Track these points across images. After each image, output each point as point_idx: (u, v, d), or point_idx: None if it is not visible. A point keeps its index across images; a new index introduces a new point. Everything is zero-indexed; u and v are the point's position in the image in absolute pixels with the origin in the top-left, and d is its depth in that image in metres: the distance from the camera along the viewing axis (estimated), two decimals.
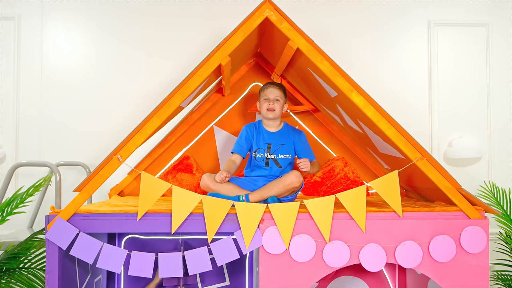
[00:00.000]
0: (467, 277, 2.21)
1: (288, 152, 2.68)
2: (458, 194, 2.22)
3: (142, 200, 2.15)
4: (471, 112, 3.47)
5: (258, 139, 2.69)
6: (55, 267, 2.17)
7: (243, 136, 2.70)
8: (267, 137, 2.69)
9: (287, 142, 2.69)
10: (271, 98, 2.67)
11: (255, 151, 2.67)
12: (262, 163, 2.66)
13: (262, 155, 2.66)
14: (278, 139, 2.69)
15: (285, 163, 2.67)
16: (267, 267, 2.19)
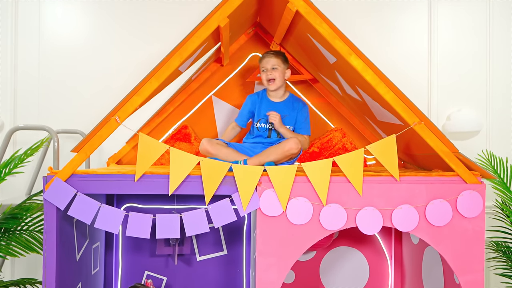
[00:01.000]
0: (462, 241, 2.22)
1: (291, 123, 2.68)
2: (455, 159, 2.22)
3: (139, 162, 2.15)
4: (470, 85, 3.47)
5: (261, 109, 2.68)
6: (53, 228, 2.18)
7: (246, 108, 2.72)
8: (271, 107, 2.68)
9: (290, 113, 2.68)
10: (268, 68, 2.66)
11: (257, 121, 2.67)
12: (265, 133, 2.66)
13: (264, 125, 2.66)
14: (282, 109, 2.67)
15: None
16: (264, 229, 2.20)
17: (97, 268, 2.89)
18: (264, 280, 2.21)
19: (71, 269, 2.43)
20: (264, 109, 2.66)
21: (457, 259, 2.23)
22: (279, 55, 2.68)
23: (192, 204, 3.07)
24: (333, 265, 3.18)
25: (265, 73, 2.65)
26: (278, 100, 2.69)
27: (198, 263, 3.15)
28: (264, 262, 2.21)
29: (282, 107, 2.67)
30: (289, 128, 2.66)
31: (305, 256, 3.19)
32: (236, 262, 3.17)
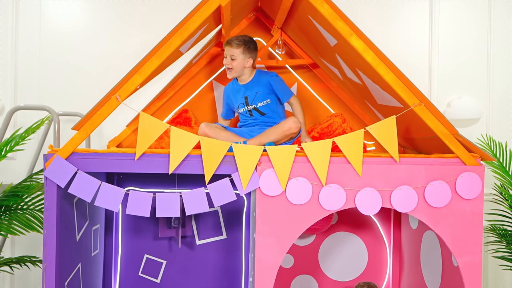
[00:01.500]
0: (461, 223, 2.23)
1: (266, 97, 2.68)
2: (455, 141, 2.23)
3: (140, 141, 2.15)
4: (471, 73, 3.48)
5: (236, 97, 2.74)
6: (53, 205, 2.19)
7: (224, 101, 2.81)
8: (242, 91, 2.71)
9: (261, 88, 2.69)
10: (227, 56, 2.67)
11: (237, 109, 2.72)
12: (247, 116, 2.69)
13: (243, 109, 2.70)
14: (252, 88, 2.70)
15: (267, 109, 2.68)
16: (263, 209, 2.21)
17: (96, 250, 2.91)
18: (263, 259, 2.22)
19: (71, 249, 2.45)
20: (237, 94, 2.72)
21: (456, 241, 2.24)
22: (241, 45, 2.63)
23: (193, 188, 3.07)
24: (331, 250, 3.20)
25: (225, 60, 2.66)
26: (246, 82, 2.71)
27: (198, 247, 3.16)
28: (264, 242, 2.22)
29: (251, 86, 2.69)
30: (267, 102, 2.66)
31: (304, 241, 3.20)
32: (236, 246, 3.18)
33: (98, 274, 2.95)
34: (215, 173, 2.19)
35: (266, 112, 2.68)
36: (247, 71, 2.71)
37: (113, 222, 3.10)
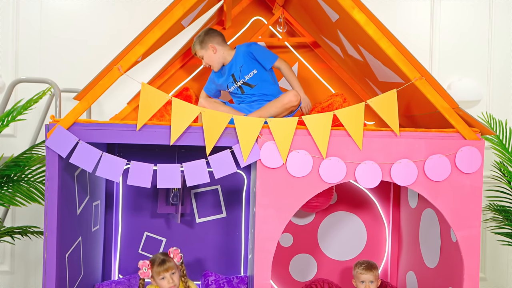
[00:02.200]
0: (460, 197, 2.25)
1: (251, 68, 2.67)
2: (455, 115, 2.24)
3: (141, 111, 2.16)
4: (472, 55, 3.48)
5: (223, 77, 2.74)
6: (55, 175, 2.19)
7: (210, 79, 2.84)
8: (227, 70, 2.72)
9: (243, 60, 2.68)
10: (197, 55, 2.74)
11: (227, 88, 2.72)
12: (239, 93, 2.70)
13: (234, 87, 2.71)
14: (235, 64, 2.70)
15: (255, 80, 2.66)
16: (264, 181, 2.22)
17: (97, 226, 2.92)
18: (263, 231, 2.23)
19: (72, 221, 2.46)
20: (224, 75, 2.73)
21: (455, 214, 2.25)
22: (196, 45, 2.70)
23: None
24: (331, 230, 3.21)
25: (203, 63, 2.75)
26: (229, 60, 2.71)
27: (198, 225, 3.18)
28: (264, 214, 2.23)
29: (234, 63, 2.69)
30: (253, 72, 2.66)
31: (303, 220, 3.22)
32: (235, 224, 3.19)
33: (98, 250, 2.97)
34: (216, 145, 2.20)
35: (255, 83, 2.66)
36: (224, 54, 2.71)
37: (114, 199, 3.11)
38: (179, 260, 2.49)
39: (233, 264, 3.19)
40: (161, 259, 2.43)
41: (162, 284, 2.41)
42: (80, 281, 2.63)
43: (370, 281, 2.64)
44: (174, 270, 2.43)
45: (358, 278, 2.67)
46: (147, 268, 2.41)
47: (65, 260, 2.38)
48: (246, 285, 3.01)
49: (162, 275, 2.40)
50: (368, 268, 2.66)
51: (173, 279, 2.41)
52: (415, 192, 2.87)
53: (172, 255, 2.48)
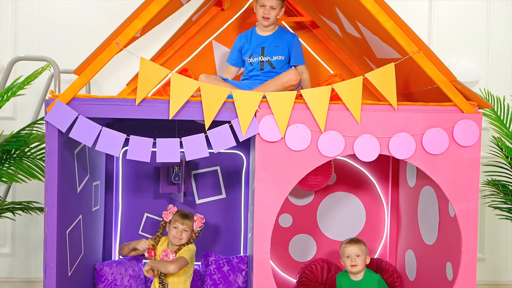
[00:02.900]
0: (458, 170, 2.26)
1: (282, 53, 2.69)
2: (453, 89, 2.25)
3: (140, 86, 2.17)
4: (470, 36, 3.49)
5: (252, 45, 2.72)
6: (55, 150, 2.21)
7: (236, 47, 2.78)
8: (261, 41, 2.71)
9: (281, 44, 2.70)
10: (267, 5, 2.66)
11: (249, 56, 2.71)
12: (257, 66, 2.69)
13: (256, 59, 2.69)
14: (272, 41, 2.70)
15: (279, 64, 2.68)
16: (263, 154, 2.23)
17: (97, 206, 2.93)
18: (262, 205, 2.24)
19: (72, 198, 2.47)
20: (254, 43, 2.70)
21: (453, 188, 2.27)
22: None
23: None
24: (330, 210, 3.22)
25: (263, 9, 2.65)
26: (267, 34, 2.71)
27: (198, 206, 3.19)
28: (263, 188, 2.24)
29: (272, 39, 2.69)
30: (281, 57, 2.67)
31: (303, 200, 3.23)
32: (235, 205, 3.21)
33: (98, 229, 2.98)
34: (215, 119, 2.21)
35: (276, 67, 2.68)
36: (275, 23, 2.73)
37: (114, 180, 3.12)
38: (198, 226, 2.65)
39: (233, 244, 3.21)
40: (185, 213, 2.65)
41: (171, 231, 2.61)
42: (81, 259, 2.64)
43: (356, 255, 2.54)
44: (188, 229, 2.59)
45: (343, 253, 2.58)
46: (172, 213, 2.64)
47: (66, 236, 2.39)
48: (246, 264, 3.03)
49: (176, 224, 2.58)
50: (353, 241, 2.58)
51: (182, 234, 2.57)
52: (414, 171, 2.88)
53: (196, 218, 2.65)
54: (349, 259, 2.55)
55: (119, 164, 3.13)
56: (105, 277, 2.86)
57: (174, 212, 2.66)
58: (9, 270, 3.39)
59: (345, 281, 2.63)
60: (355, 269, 2.55)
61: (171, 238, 2.62)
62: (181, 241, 2.59)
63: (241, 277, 3.01)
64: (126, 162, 3.14)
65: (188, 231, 2.59)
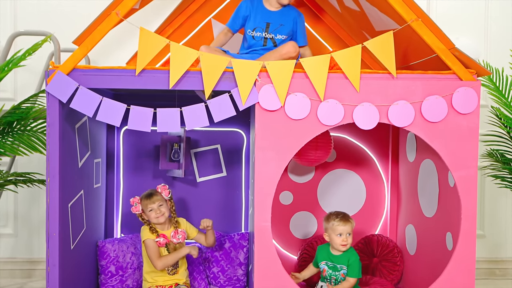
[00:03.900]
0: (457, 137, 2.27)
1: (287, 33, 2.68)
2: (452, 57, 2.26)
3: (140, 56, 2.18)
4: (469, 14, 3.49)
5: (256, 17, 2.67)
6: (56, 121, 2.22)
7: (241, 14, 2.70)
8: (266, 16, 2.66)
9: (286, 22, 2.67)
10: None
11: (253, 29, 2.67)
12: (260, 42, 2.67)
13: (260, 34, 2.66)
14: (277, 18, 2.67)
15: (282, 44, 2.68)
16: (263, 123, 2.25)
17: (98, 183, 2.94)
18: (262, 174, 2.26)
19: (73, 172, 2.48)
20: (260, 17, 2.65)
21: (452, 155, 2.28)
22: None
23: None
24: (330, 187, 3.24)
25: None
26: (274, 9, 2.67)
27: (198, 184, 3.20)
28: (263, 156, 2.26)
29: (278, 16, 2.66)
30: (284, 37, 2.65)
31: (303, 178, 3.24)
32: (236, 183, 3.22)
33: (100, 207, 3.00)
34: (215, 89, 2.22)
35: (279, 45, 2.66)
36: None
37: (115, 159, 3.13)
38: (167, 195, 2.66)
39: (234, 222, 3.22)
40: (148, 193, 2.63)
41: (150, 216, 2.58)
42: (83, 234, 2.66)
43: (347, 233, 2.48)
44: (161, 202, 2.60)
45: (334, 230, 2.48)
46: (137, 203, 2.61)
47: (68, 209, 2.41)
48: (247, 241, 3.04)
49: (150, 207, 2.58)
50: (345, 219, 2.49)
51: (161, 210, 2.58)
52: (413, 145, 2.90)
53: (160, 190, 2.66)
54: (340, 237, 2.48)
55: (119, 143, 3.14)
56: (108, 254, 2.88)
57: (139, 201, 2.63)
58: (12, 250, 3.41)
59: (324, 253, 2.58)
60: (345, 248, 2.49)
61: (154, 221, 2.60)
62: (164, 216, 2.60)
63: (242, 253, 3.02)
64: (127, 141, 3.15)
65: (163, 204, 2.61)
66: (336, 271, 2.53)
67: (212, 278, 3.02)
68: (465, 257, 2.31)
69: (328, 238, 2.55)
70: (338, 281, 2.53)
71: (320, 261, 2.59)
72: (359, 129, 3.15)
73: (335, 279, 2.54)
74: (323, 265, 2.58)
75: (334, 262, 2.54)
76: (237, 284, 3.00)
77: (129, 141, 3.15)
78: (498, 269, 3.51)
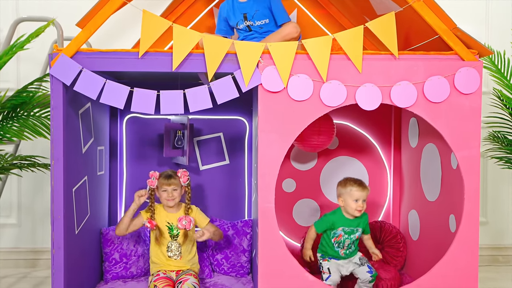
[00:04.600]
0: (460, 117, 2.28)
1: (265, 16, 2.64)
2: (454, 37, 2.26)
3: (143, 39, 2.19)
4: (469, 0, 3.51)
5: (235, 13, 2.71)
6: (60, 104, 2.23)
7: (221, 17, 2.76)
8: (241, 8, 2.68)
9: (260, 7, 2.65)
10: None
11: (236, 24, 2.71)
12: (246, 30, 2.69)
13: (243, 25, 2.69)
14: (251, 6, 2.66)
15: (266, 28, 2.66)
16: (265, 105, 2.25)
17: (102, 171, 2.95)
18: (266, 155, 2.27)
19: (77, 157, 2.49)
20: (237, 12, 2.68)
21: (454, 135, 2.28)
22: None
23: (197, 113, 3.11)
24: (333, 175, 3.24)
25: None
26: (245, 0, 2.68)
27: (201, 173, 3.21)
28: (266, 138, 2.26)
29: (251, 4, 2.65)
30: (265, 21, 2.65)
31: (306, 165, 3.25)
32: (238, 171, 3.23)
33: (104, 195, 3.01)
34: (217, 71, 2.23)
35: (265, 31, 2.68)
36: None
37: (118, 147, 3.14)
38: (185, 181, 2.68)
39: (237, 209, 3.23)
40: (168, 174, 2.67)
41: (162, 195, 2.64)
42: (87, 221, 2.67)
43: (363, 200, 2.56)
44: (176, 187, 2.64)
45: (352, 195, 2.54)
46: (156, 178, 2.64)
47: (72, 194, 2.42)
48: (250, 228, 3.05)
49: (164, 188, 2.62)
50: (363, 185, 2.57)
51: (173, 194, 2.62)
52: (416, 131, 2.90)
53: (180, 174, 2.67)
54: (356, 203, 2.55)
55: (122, 132, 3.15)
56: (111, 241, 2.89)
57: (157, 177, 2.67)
58: (16, 240, 3.43)
59: (340, 219, 2.62)
60: (359, 213, 2.58)
61: (164, 202, 2.67)
62: (174, 201, 2.65)
63: (246, 240, 3.03)
64: (130, 130, 3.16)
65: (177, 189, 2.65)
66: (352, 234, 2.62)
67: (215, 265, 3.03)
68: (469, 238, 2.32)
69: (342, 203, 2.60)
70: (351, 243, 2.63)
71: (338, 227, 2.62)
72: (361, 116, 3.21)
73: (349, 242, 2.62)
74: (340, 231, 2.62)
75: (351, 226, 2.61)
76: (240, 270, 3.01)
77: (132, 129, 3.16)
78: (501, 255, 3.52)
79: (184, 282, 2.52)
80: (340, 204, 2.62)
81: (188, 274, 2.61)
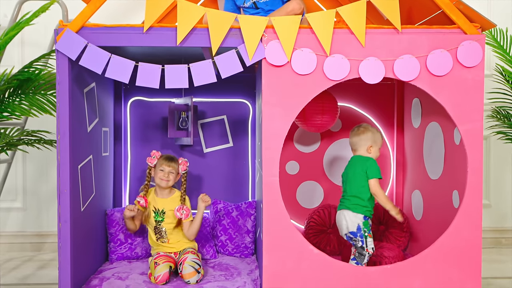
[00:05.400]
0: (462, 91, 2.29)
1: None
2: (456, 11, 2.27)
3: (147, 13, 2.21)
4: None
5: None
6: (66, 79, 2.25)
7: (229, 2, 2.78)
8: None
9: None
10: None
11: (243, 3, 2.72)
12: (253, 9, 2.71)
13: (249, 3, 2.71)
14: None
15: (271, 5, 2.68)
16: (269, 79, 2.27)
17: (106, 152, 2.97)
18: (270, 129, 2.28)
19: (83, 135, 2.51)
20: None
21: (457, 109, 2.29)
22: None
23: (201, 96, 3.14)
24: (336, 157, 3.26)
25: None
26: None
27: (205, 155, 3.23)
28: (270, 112, 2.28)
29: None
30: None
31: (309, 148, 3.26)
32: (242, 154, 3.25)
33: (108, 176, 3.02)
34: (221, 46, 2.24)
35: (271, 9, 2.70)
36: None
37: (122, 129, 3.16)
38: (183, 170, 2.75)
39: (241, 191, 3.25)
40: (170, 156, 2.76)
41: (157, 174, 2.70)
42: (92, 199, 2.69)
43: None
44: (174, 171, 2.70)
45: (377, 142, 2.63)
46: (156, 157, 2.74)
47: (78, 170, 2.44)
48: (254, 209, 3.06)
49: (162, 167, 2.68)
50: None
51: (169, 176, 2.68)
52: (418, 111, 2.91)
53: (180, 161, 2.76)
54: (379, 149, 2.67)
55: (127, 114, 3.17)
56: (116, 222, 2.91)
57: (158, 156, 2.74)
58: (21, 224, 3.45)
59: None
60: None
61: (157, 181, 2.70)
62: (168, 183, 2.68)
63: (250, 221, 3.05)
64: (134, 112, 3.18)
65: (174, 173, 2.69)
66: None
67: (220, 246, 3.04)
68: (472, 212, 2.32)
69: (372, 149, 2.63)
70: None
71: None
72: (364, 99, 3.22)
73: None
74: None
75: None
76: (245, 251, 3.02)
77: (136, 112, 3.19)
78: (504, 238, 3.53)
79: (184, 263, 2.53)
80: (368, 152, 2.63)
81: (186, 252, 2.63)
